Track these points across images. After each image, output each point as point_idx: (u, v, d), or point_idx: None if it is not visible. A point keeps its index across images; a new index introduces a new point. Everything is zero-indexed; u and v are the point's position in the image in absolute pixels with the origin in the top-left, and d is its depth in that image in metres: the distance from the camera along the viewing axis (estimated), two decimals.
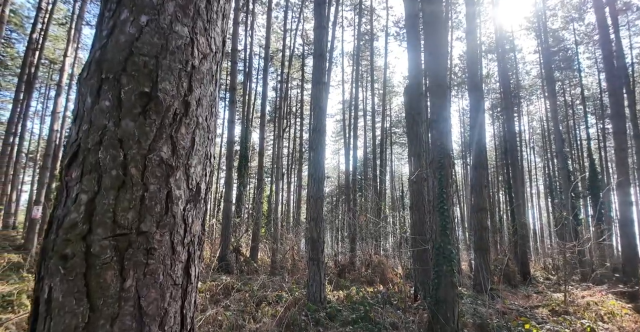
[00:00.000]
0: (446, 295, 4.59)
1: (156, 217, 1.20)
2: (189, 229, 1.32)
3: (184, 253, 1.30)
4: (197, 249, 1.39)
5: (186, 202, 1.32)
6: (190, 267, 1.32)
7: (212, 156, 1.52)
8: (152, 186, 1.21)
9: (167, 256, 1.22)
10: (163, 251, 1.21)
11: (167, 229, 1.23)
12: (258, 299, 6.68)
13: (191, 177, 1.35)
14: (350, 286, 9.55)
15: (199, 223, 1.40)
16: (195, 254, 1.36)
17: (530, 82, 30.14)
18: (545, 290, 13.43)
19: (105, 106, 1.23)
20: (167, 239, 1.23)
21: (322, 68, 6.98)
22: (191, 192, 1.35)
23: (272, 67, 23.35)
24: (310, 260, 6.66)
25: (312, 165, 6.77)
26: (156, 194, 1.22)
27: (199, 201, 1.39)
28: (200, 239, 1.41)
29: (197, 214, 1.38)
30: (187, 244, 1.31)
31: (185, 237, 1.29)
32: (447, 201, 4.71)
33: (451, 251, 4.65)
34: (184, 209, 1.30)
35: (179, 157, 1.30)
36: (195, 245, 1.37)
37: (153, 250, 1.18)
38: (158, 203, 1.22)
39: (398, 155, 33.82)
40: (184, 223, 1.29)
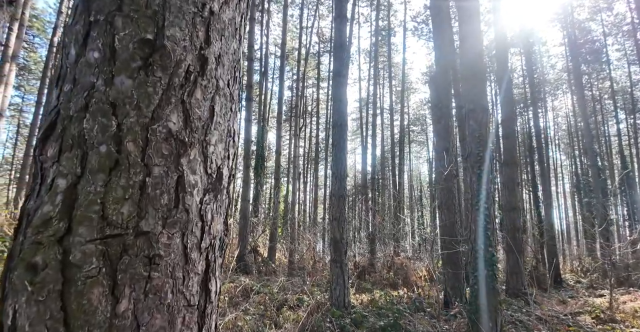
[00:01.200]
0: (487, 303, 4.14)
1: (162, 212, 0.86)
2: (208, 229, 0.97)
3: (201, 262, 0.95)
4: (219, 256, 1.04)
5: (204, 192, 0.97)
6: (209, 281, 0.97)
7: (236, 134, 1.17)
8: (156, 168, 0.87)
9: (178, 266, 0.88)
10: (172, 259, 0.87)
11: (177, 229, 0.88)
12: (278, 303, 6.36)
13: (210, 158, 1.00)
14: (372, 289, 9.12)
15: (221, 221, 1.06)
16: (215, 263, 1.01)
17: (555, 76, 28.92)
18: (580, 294, 12.65)
19: (93, 58, 0.90)
20: (178, 243, 0.88)
21: (342, 59, 6.60)
22: (210, 178, 1.00)
23: (287, 66, 23.14)
24: (332, 262, 6.29)
25: (333, 162, 6.40)
26: (162, 179, 0.88)
27: (221, 190, 1.05)
28: (223, 242, 1.07)
29: (218, 208, 1.03)
30: (205, 249, 0.96)
31: (202, 240, 0.95)
32: (488, 199, 4.26)
33: (492, 254, 4.20)
34: (201, 202, 0.96)
35: (193, 131, 0.95)
36: (216, 250, 1.02)
37: (158, 258, 0.84)
38: (165, 192, 0.88)
39: (416, 154, 33.05)
40: (201, 220, 0.95)
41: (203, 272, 0.96)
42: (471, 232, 4.34)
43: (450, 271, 5.98)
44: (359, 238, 19.14)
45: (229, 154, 1.11)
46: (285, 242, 15.94)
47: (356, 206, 19.75)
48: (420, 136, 30.01)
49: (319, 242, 16.77)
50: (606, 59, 25.76)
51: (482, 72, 4.88)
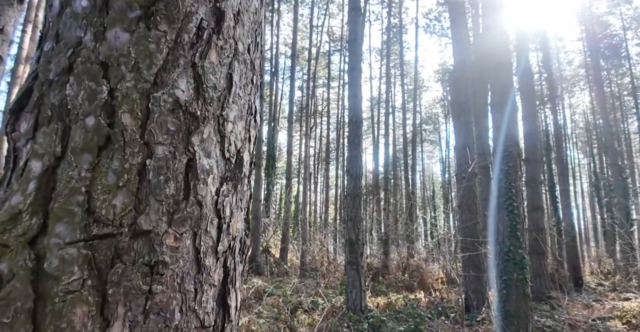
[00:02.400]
0: (518, 308, 3.86)
1: (168, 206, 0.66)
2: (227, 228, 0.77)
3: (218, 270, 0.74)
4: (239, 262, 0.83)
5: (221, 181, 0.77)
6: (228, 295, 0.77)
7: (257, 112, 0.96)
8: (160, 147, 0.67)
9: (189, 277, 0.68)
10: (181, 268, 0.66)
11: (187, 227, 0.68)
12: (292, 306, 6.15)
13: (228, 138, 0.80)
14: (387, 292, 8.85)
15: (242, 217, 0.85)
16: (236, 271, 0.81)
17: (572, 73, 28.10)
18: (605, 298, 12.12)
19: (80, 7, 0.70)
20: (189, 246, 0.68)
21: (356, 53, 6.38)
22: (228, 164, 0.80)
23: (298, 65, 23.02)
24: (348, 264, 6.06)
25: (348, 159, 6.18)
26: (168, 162, 0.68)
27: (241, 180, 0.84)
28: (244, 245, 0.86)
29: (238, 201, 0.82)
30: (222, 253, 0.76)
31: (219, 242, 0.75)
32: (517, 197, 3.98)
33: (523, 257, 3.92)
34: (218, 193, 0.75)
35: (207, 102, 0.75)
36: (236, 255, 0.81)
37: (162, 266, 0.64)
38: (171, 179, 0.68)
39: (428, 153, 32.53)
40: (218, 217, 0.75)
41: (220, 284, 0.75)
42: (499, 233, 4.07)
43: (472, 273, 5.69)
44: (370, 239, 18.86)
45: (250, 136, 0.90)
46: (296, 243, 15.76)
47: (367, 206, 19.46)
48: (433, 135, 29.50)
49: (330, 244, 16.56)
50: (626, 54, 24.88)
51: (508, 61, 4.60)
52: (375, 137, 18.98)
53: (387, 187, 16.21)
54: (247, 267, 10.50)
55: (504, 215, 4.03)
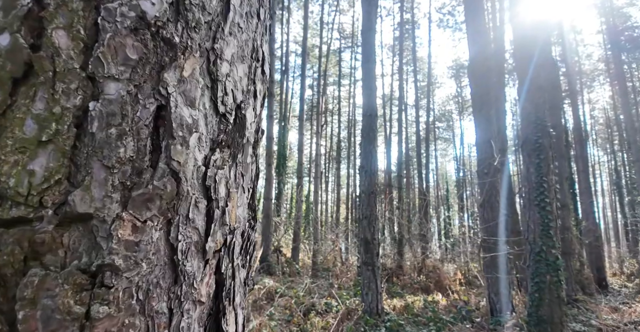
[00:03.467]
0: (552, 313, 3.54)
1: (122, 175, 0.42)
2: (220, 214, 0.52)
3: (207, 278, 0.50)
4: (242, 266, 0.58)
5: (212, 145, 0.52)
6: (223, 316, 0.52)
7: (266, 60, 0.71)
8: (113, 84, 0.43)
9: (158, 290, 0.43)
10: (144, 276, 0.42)
11: (155, 212, 0.44)
12: (305, 308, 5.91)
13: (222, 83, 0.55)
14: (402, 293, 8.54)
15: (245, 201, 0.60)
16: (235, 280, 0.56)
17: (591, 67, 27.16)
18: (631, 300, 11.55)
19: None
20: (157, 240, 0.44)
21: (370, 44, 6.10)
22: (224, 122, 0.55)
23: (308, 63, 22.82)
24: (363, 264, 5.78)
25: (363, 155, 5.90)
26: (125, 107, 0.43)
27: (243, 147, 0.59)
28: (249, 241, 0.61)
29: (238, 177, 0.58)
30: (214, 253, 0.51)
31: (209, 236, 0.50)
32: (549, 193, 3.65)
33: (556, 257, 3.59)
34: (207, 162, 0.51)
35: (190, 26, 0.50)
36: (236, 255, 0.57)
37: (111, 273, 0.39)
38: (130, 135, 0.43)
39: (442, 151, 31.91)
40: (207, 197, 0.50)
41: (211, 299, 0.50)
42: (529, 232, 3.74)
43: (497, 275, 5.35)
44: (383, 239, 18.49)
45: (256, 90, 0.65)
46: (308, 242, 15.53)
47: (380, 205, 19.12)
48: (446, 133, 28.89)
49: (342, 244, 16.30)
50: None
51: (542, 45, 4.23)
52: (388, 135, 18.63)
53: (400, 185, 15.85)
54: (254, 269, 10.33)
55: (534, 212, 3.70)
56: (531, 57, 4.03)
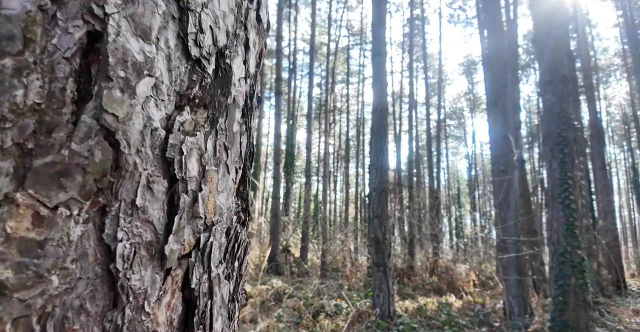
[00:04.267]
0: (577, 318, 3.30)
1: (16, 132, 0.24)
2: (191, 202, 0.35)
3: (169, 297, 0.33)
4: (227, 277, 0.41)
5: (179, 101, 0.35)
6: None
7: (261, 2, 0.53)
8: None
9: (86, 320, 0.26)
10: (59, 298, 0.25)
11: (74, 192, 0.27)
12: (314, 309, 5.76)
13: (193, 12, 0.37)
14: (414, 295, 8.33)
15: (230, 186, 0.43)
16: (213, 299, 0.39)
17: (607, 62, 26.41)
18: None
19: None
20: (80, 237, 0.27)
21: (380, 37, 5.89)
22: (198, 70, 0.38)
23: (316, 61, 22.68)
24: (374, 265, 5.60)
25: (373, 152, 5.70)
26: (27, 27, 0.26)
27: (227, 110, 0.42)
28: (237, 242, 0.44)
29: (220, 151, 0.40)
30: (179, 259, 0.34)
31: (171, 235, 0.33)
32: (574, 189, 3.41)
33: (582, 258, 3.35)
34: (169, 123, 0.33)
35: None
36: (215, 262, 0.39)
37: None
38: (35, 71, 0.26)
39: (453, 149, 31.39)
40: (168, 175, 0.33)
41: (176, 329, 0.33)
42: (553, 231, 3.51)
43: (515, 277, 5.10)
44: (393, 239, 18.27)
45: (249, 40, 0.48)
46: (316, 242, 15.40)
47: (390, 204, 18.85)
48: (458, 131, 28.39)
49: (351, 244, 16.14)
50: None
51: (563, 37, 3.98)
52: (397, 133, 18.36)
53: (410, 184, 15.59)
54: (266, 266, 10.22)
55: (558, 210, 3.47)
56: (555, 45, 3.78)
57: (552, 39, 3.84)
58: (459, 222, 21.02)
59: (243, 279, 0.46)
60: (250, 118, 0.50)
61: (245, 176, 0.47)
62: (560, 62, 3.78)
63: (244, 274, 0.46)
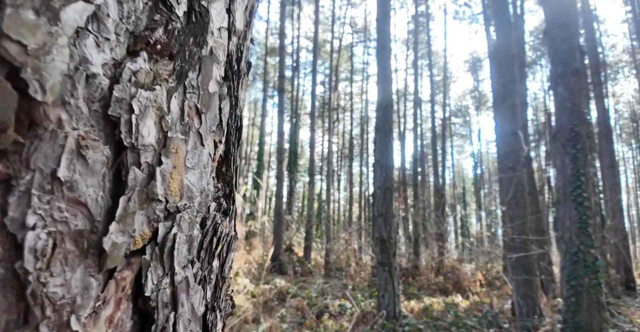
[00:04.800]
0: (590, 319, 3.18)
1: None
2: (146, 180, 0.25)
3: (107, 315, 0.23)
4: (201, 280, 0.31)
5: (131, 43, 0.26)
6: None
7: None
8: None
9: None
10: None
11: None
12: (318, 310, 5.67)
13: None
14: (419, 295, 8.22)
15: (207, 162, 0.33)
16: (179, 310, 0.28)
17: (615, 59, 26.03)
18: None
19: None
20: None
21: (385, 31, 5.77)
22: (164, 11, 0.29)
23: (319, 59, 22.57)
24: (379, 265, 5.49)
25: (378, 149, 5.59)
26: None
27: (201, 60, 0.32)
28: (217, 234, 0.34)
29: (189, 114, 0.31)
30: (126, 256, 0.24)
31: (118, 221, 0.23)
32: (587, 186, 3.29)
33: (596, 258, 3.23)
34: (119, 70, 0.24)
35: None
36: (181, 260, 0.29)
37: None
38: None
39: (458, 148, 31.14)
40: (112, 140, 0.24)
41: None
42: (565, 230, 3.38)
43: (524, 277, 4.97)
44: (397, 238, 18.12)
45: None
46: (320, 241, 15.32)
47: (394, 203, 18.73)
48: (463, 129, 28.14)
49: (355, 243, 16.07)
50: None
51: (572, 26, 3.85)
52: (402, 131, 18.23)
53: (415, 183, 15.45)
54: (269, 265, 10.18)
55: (570, 208, 3.34)
56: (566, 36, 3.64)
57: (564, 30, 3.70)
58: (464, 221, 20.84)
59: (226, 282, 0.36)
60: (236, 84, 0.40)
61: (229, 154, 0.38)
62: (572, 54, 3.64)
63: (227, 277, 0.36)
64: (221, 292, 0.35)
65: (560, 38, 3.71)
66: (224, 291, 0.36)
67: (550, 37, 3.80)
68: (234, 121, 0.38)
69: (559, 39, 3.73)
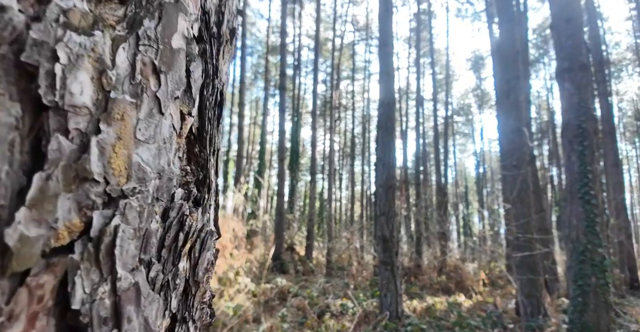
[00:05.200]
0: (598, 320, 3.11)
1: None
2: (76, 152, 0.19)
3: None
4: (162, 286, 0.24)
5: None
6: None
7: None
8: None
9: None
10: None
11: None
12: (319, 309, 5.61)
13: None
14: (422, 294, 8.15)
15: (170, 133, 0.27)
16: (123, 327, 0.21)
17: (619, 56, 25.82)
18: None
19: None
20: None
21: (388, 27, 5.69)
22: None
23: (321, 57, 22.49)
24: (381, 264, 5.43)
25: (380, 147, 5.52)
26: None
27: (162, 7, 0.25)
28: (183, 228, 0.27)
29: (142, 71, 0.24)
30: (44, 255, 0.17)
31: (31, 206, 0.17)
32: (595, 184, 3.21)
33: (603, 257, 3.15)
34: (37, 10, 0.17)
35: None
36: (127, 260, 0.22)
37: None
38: None
39: (461, 146, 31.00)
40: (24, 92, 0.17)
41: None
42: (572, 228, 3.31)
43: (529, 276, 4.89)
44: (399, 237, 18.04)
45: None
46: (322, 240, 15.27)
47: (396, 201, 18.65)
48: (465, 127, 28.00)
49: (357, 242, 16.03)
50: None
51: (578, 19, 3.76)
52: (404, 130, 18.14)
53: (417, 181, 15.37)
54: (270, 264, 10.12)
55: (577, 206, 3.26)
56: (573, 31, 3.56)
57: (571, 24, 3.61)
58: (467, 220, 20.76)
59: (201, 288, 0.30)
60: (215, 50, 0.34)
61: (204, 132, 0.31)
62: (579, 49, 3.56)
63: (201, 281, 0.30)
64: (194, 299, 0.29)
65: (567, 33, 3.62)
66: (197, 298, 0.29)
67: (557, 31, 3.72)
68: (210, 92, 0.32)
69: (565, 33, 3.64)
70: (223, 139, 2.61)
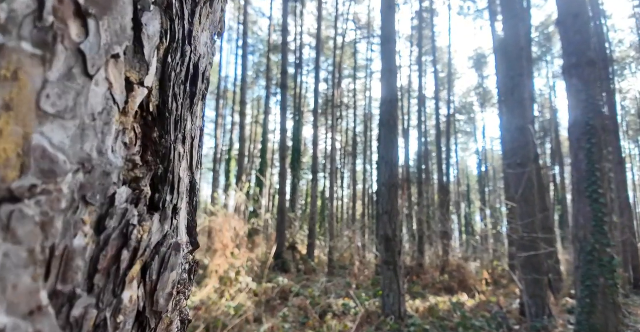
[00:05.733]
0: (606, 322, 3.03)
1: None
2: None
3: None
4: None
5: None
6: None
7: None
8: None
9: None
10: None
11: None
12: (321, 309, 5.55)
13: None
14: (424, 294, 8.08)
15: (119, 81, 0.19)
16: None
17: (623, 54, 25.61)
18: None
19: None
20: None
21: (390, 23, 5.61)
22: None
23: (323, 56, 22.41)
24: (384, 263, 5.35)
25: (383, 145, 5.44)
26: None
27: None
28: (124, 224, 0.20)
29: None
30: None
31: None
32: (603, 182, 3.12)
33: (612, 257, 3.07)
34: None
35: None
36: None
37: None
38: None
39: (463, 145, 30.86)
40: None
41: None
42: (579, 228, 3.22)
43: (534, 276, 4.81)
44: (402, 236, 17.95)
45: None
46: (324, 239, 15.22)
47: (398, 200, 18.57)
48: (468, 126, 27.87)
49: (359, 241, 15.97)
50: None
51: (585, 15, 3.66)
52: (406, 128, 18.04)
53: (419, 180, 15.28)
54: (272, 263, 10.06)
55: (585, 205, 3.18)
56: (580, 26, 3.46)
57: (578, 20, 3.52)
58: (469, 219, 20.67)
59: (165, 319, 0.22)
60: (188, 11, 0.26)
61: (167, 111, 0.23)
62: (586, 45, 3.47)
63: (164, 310, 0.22)
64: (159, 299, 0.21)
65: (575, 28, 3.52)
66: (177, 299, 0.22)
67: (564, 27, 3.62)
68: (178, 62, 0.24)
69: (572, 29, 3.55)
70: (224, 137, 2.49)
